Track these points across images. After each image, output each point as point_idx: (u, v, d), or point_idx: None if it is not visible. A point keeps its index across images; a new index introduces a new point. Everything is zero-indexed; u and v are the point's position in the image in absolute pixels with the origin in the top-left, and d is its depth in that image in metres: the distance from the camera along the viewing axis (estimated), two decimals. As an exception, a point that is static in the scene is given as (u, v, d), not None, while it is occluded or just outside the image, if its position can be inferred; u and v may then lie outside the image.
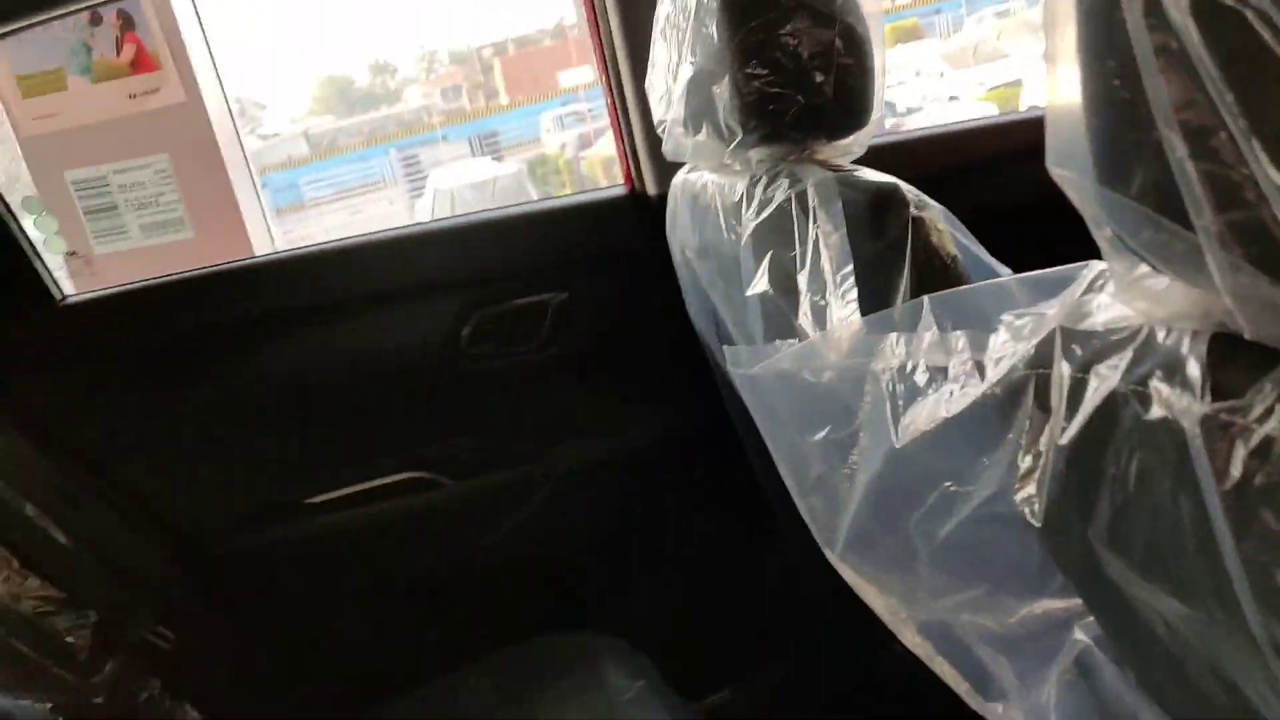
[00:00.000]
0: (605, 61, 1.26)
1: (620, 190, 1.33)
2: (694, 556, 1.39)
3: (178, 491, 1.25)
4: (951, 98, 5.91)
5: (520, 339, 1.29)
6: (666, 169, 1.18)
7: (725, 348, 0.71)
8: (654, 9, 0.95)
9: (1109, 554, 0.41)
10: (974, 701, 0.59)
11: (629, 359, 1.31)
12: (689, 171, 1.05)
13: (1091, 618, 0.57)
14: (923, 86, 6.01)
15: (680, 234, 1.07)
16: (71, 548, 1.15)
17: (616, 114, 1.29)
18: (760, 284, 0.79)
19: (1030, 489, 0.43)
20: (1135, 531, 0.39)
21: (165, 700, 1.17)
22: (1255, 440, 0.33)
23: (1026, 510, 0.43)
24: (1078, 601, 0.57)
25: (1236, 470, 0.33)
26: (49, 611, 1.11)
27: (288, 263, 1.28)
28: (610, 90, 1.28)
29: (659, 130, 0.97)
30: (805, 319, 0.69)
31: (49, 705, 0.99)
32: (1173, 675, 0.47)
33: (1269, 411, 0.32)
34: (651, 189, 1.28)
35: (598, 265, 1.30)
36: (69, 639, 1.11)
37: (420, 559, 1.33)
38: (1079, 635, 0.59)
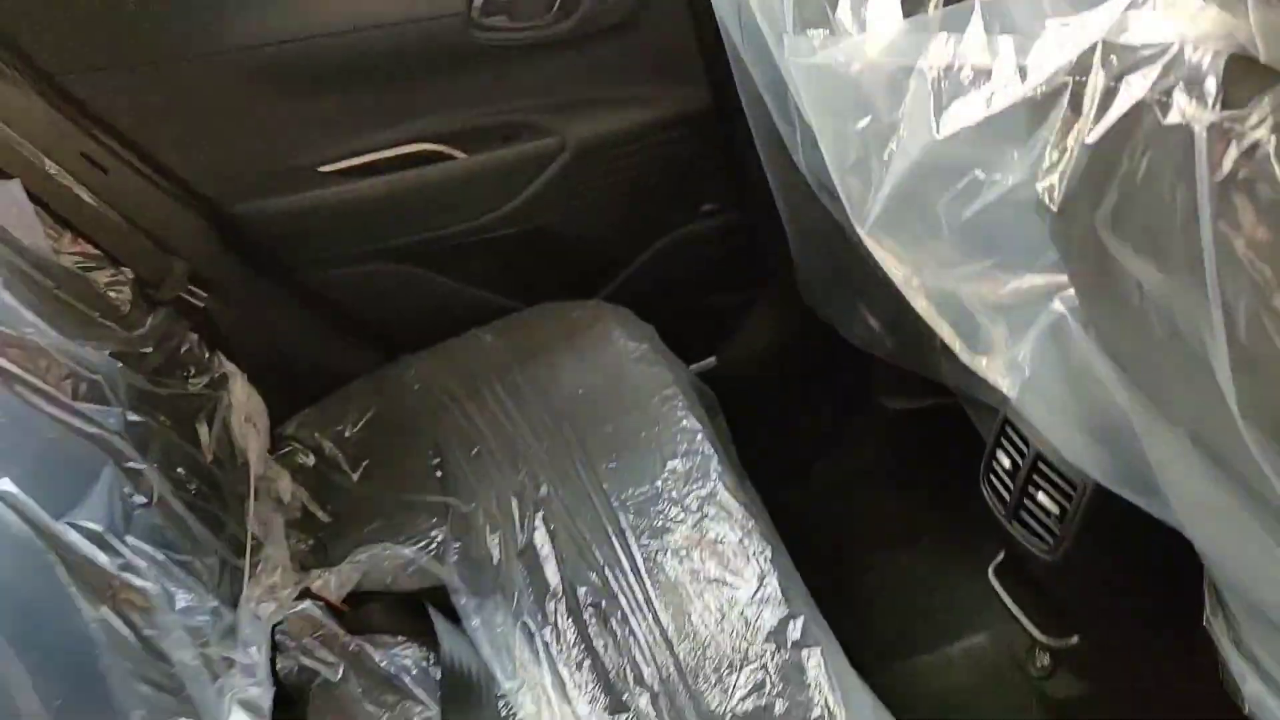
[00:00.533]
0: None
1: None
2: (699, 233, 1.50)
3: (199, 154, 1.30)
4: None
5: (534, 12, 1.31)
6: None
7: (787, 37, 0.77)
8: None
9: (1109, 234, 0.52)
10: (966, 355, 0.73)
11: (646, 35, 1.34)
12: None
13: (1070, 291, 0.69)
14: None
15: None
16: (101, 209, 1.22)
17: None
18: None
19: (1053, 179, 0.52)
20: (1135, 216, 0.49)
21: (203, 352, 1.30)
22: (1246, 143, 0.42)
23: (1046, 196, 0.53)
24: (1061, 278, 0.69)
25: (1227, 166, 0.43)
26: (89, 266, 1.20)
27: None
28: None
29: None
30: (845, 13, 0.75)
31: (107, 351, 1.10)
32: (1135, 339, 0.59)
33: (1262, 120, 0.42)
34: None
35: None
36: (111, 294, 1.20)
37: (435, 227, 1.41)
38: (1057, 305, 0.71)
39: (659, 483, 1.10)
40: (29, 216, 1.11)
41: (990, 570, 1.09)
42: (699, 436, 1.14)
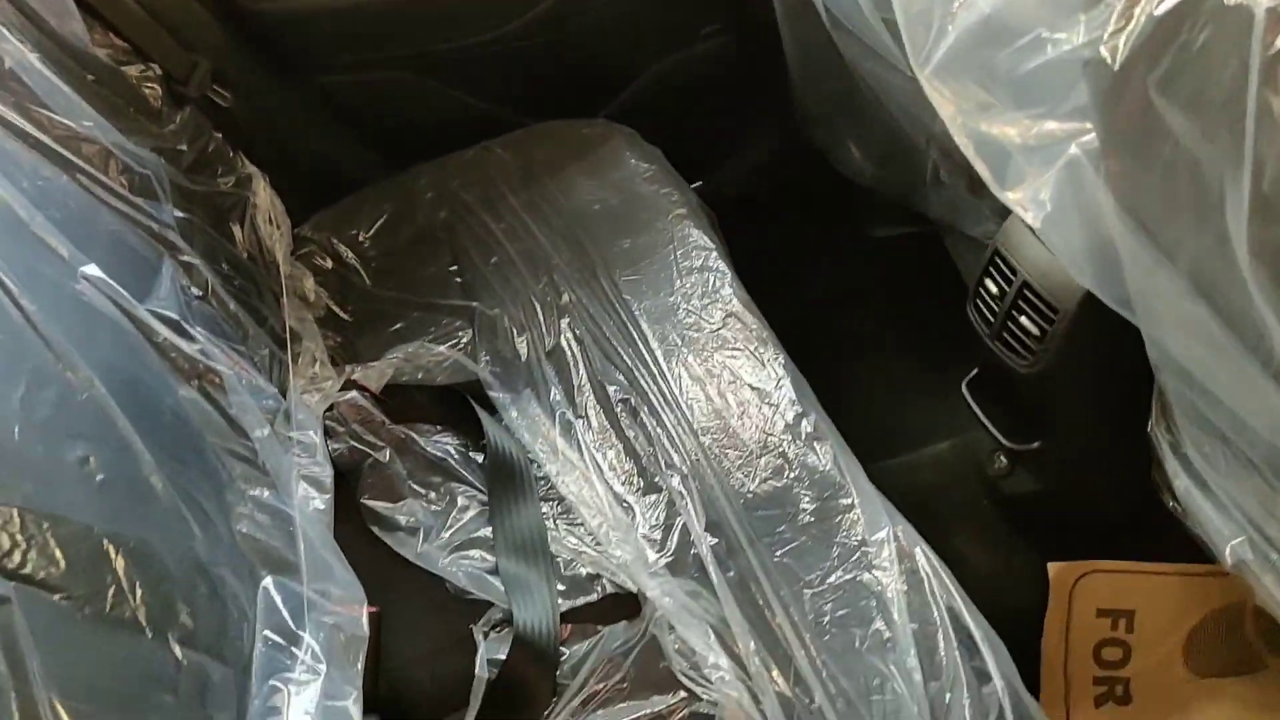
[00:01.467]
0: None
1: None
2: (699, 55, 1.55)
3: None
4: None
5: None
6: None
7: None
8: None
9: (1158, 95, 0.61)
10: (994, 187, 0.83)
11: None
12: None
13: (1086, 138, 0.79)
14: None
15: None
16: (125, 5, 1.22)
17: None
18: None
19: (1119, 40, 0.62)
20: (1186, 81, 0.59)
21: (227, 150, 1.33)
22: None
23: (1108, 54, 0.63)
24: (1078, 125, 0.79)
25: (1278, 44, 0.53)
26: (121, 61, 1.21)
27: None
28: None
29: None
30: None
31: (149, 147, 1.14)
32: (1156, 187, 0.70)
33: None
34: None
35: None
36: (143, 89, 1.22)
37: (445, 39, 1.44)
38: (1074, 150, 0.82)
39: (676, 295, 1.20)
40: (64, 3, 1.11)
41: (964, 384, 1.24)
42: (713, 255, 1.24)
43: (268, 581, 0.90)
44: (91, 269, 0.90)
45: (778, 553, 0.95)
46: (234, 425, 0.98)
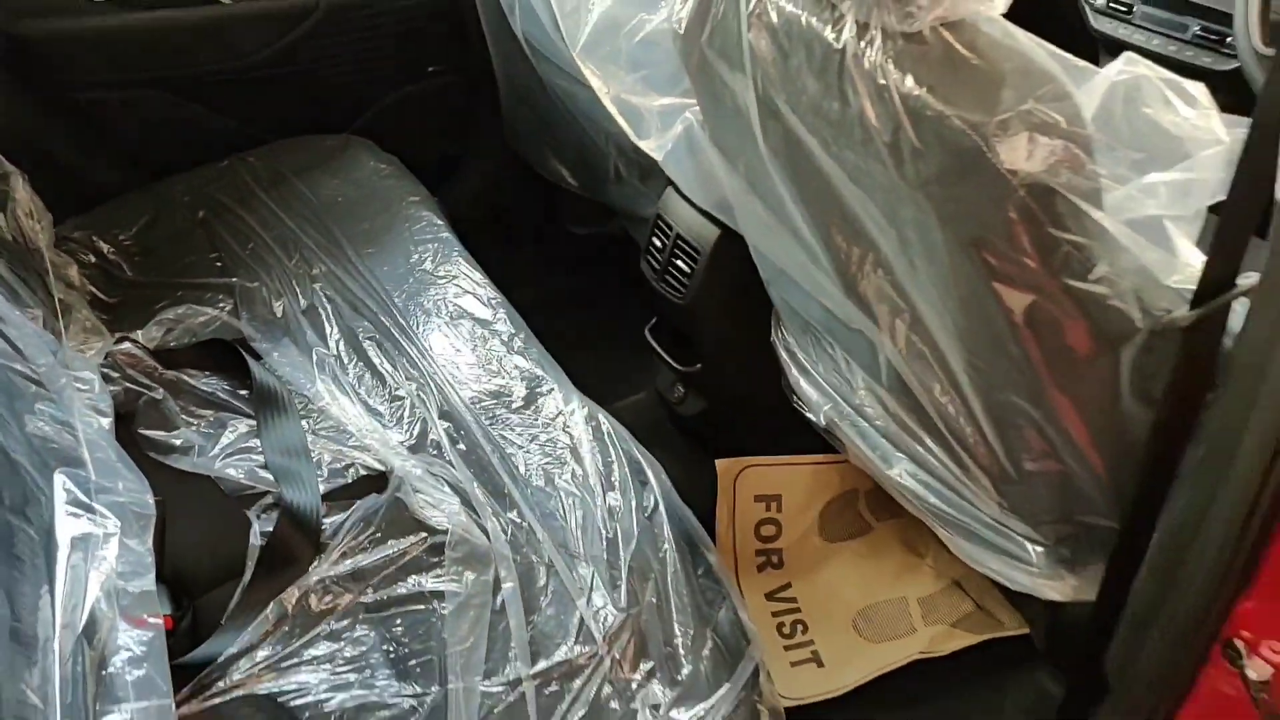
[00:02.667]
0: None
1: None
2: (426, 90, 1.85)
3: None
4: None
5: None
6: None
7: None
8: None
9: (709, 50, 0.97)
10: (633, 137, 1.18)
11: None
12: None
13: (696, 108, 1.16)
14: None
15: None
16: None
17: None
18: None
19: (682, 14, 0.97)
20: (719, 38, 0.95)
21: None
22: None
23: (677, 25, 0.98)
24: (691, 100, 1.16)
25: (754, 5, 0.89)
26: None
27: None
28: None
29: None
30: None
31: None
32: (725, 125, 1.06)
33: None
34: None
35: None
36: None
37: (199, 63, 1.67)
38: (688, 115, 1.18)
39: (411, 260, 1.48)
40: None
41: (646, 330, 1.58)
42: (441, 229, 1.53)
43: (60, 470, 1.08)
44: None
45: (496, 428, 1.23)
46: (20, 351, 1.15)
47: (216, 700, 1.01)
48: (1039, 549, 1.10)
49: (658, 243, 1.46)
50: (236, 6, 1.66)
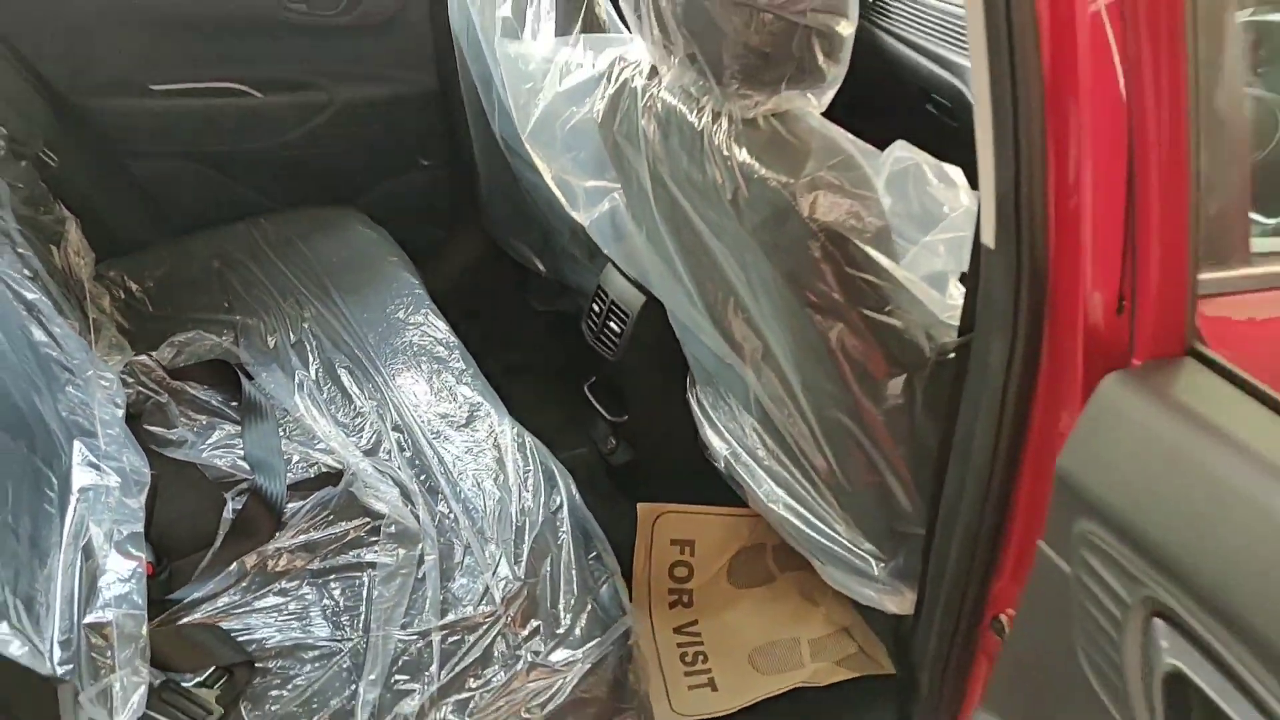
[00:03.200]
0: None
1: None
2: (417, 181, 2.17)
3: (62, 58, 1.81)
4: None
5: (325, 6, 1.94)
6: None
7: (496, 39, 1.49)
8: None
9: (619, 136, 1.26)
10: (572, 212, 1.47)
11: (399, 34, 2.00)
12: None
13: (619, 190, 1.44)
14: None
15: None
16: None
17: None
18: (505, 9, 1.55)
19: (600, 108, 1.27)
20: (624, 124, 1.24)
21: (49, 196, 1.79)
22: (626, 86, 1.18)
23: (598, 116, 1.27)
24: (616, 184, 1.44)
25: (648, 99, 1.18)
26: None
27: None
28: None
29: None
30: (527, 30, 1.48)
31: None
32: (635, 195, 1.34)
33: (626, 80, 1.18)
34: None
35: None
36: (-12, 144, 1.68)
37: (233, 142, 1.99)
38: (614, 195, 1.47)
39: (387, 310, 1.75)
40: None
41: (585, 387, 1.84)
42: (416, 289, 1.81)
43: (79, 439, 1.33)
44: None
45: (438, 440, 1.47)
46: (60, 345, 1.42)
47: (181, 622, 1.23)
48: (880, 564, 1.32)
49: (596, 308, 1.73)
50: (266, 99, 1.99)
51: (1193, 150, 0.70)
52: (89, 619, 1.12)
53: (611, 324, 1.69)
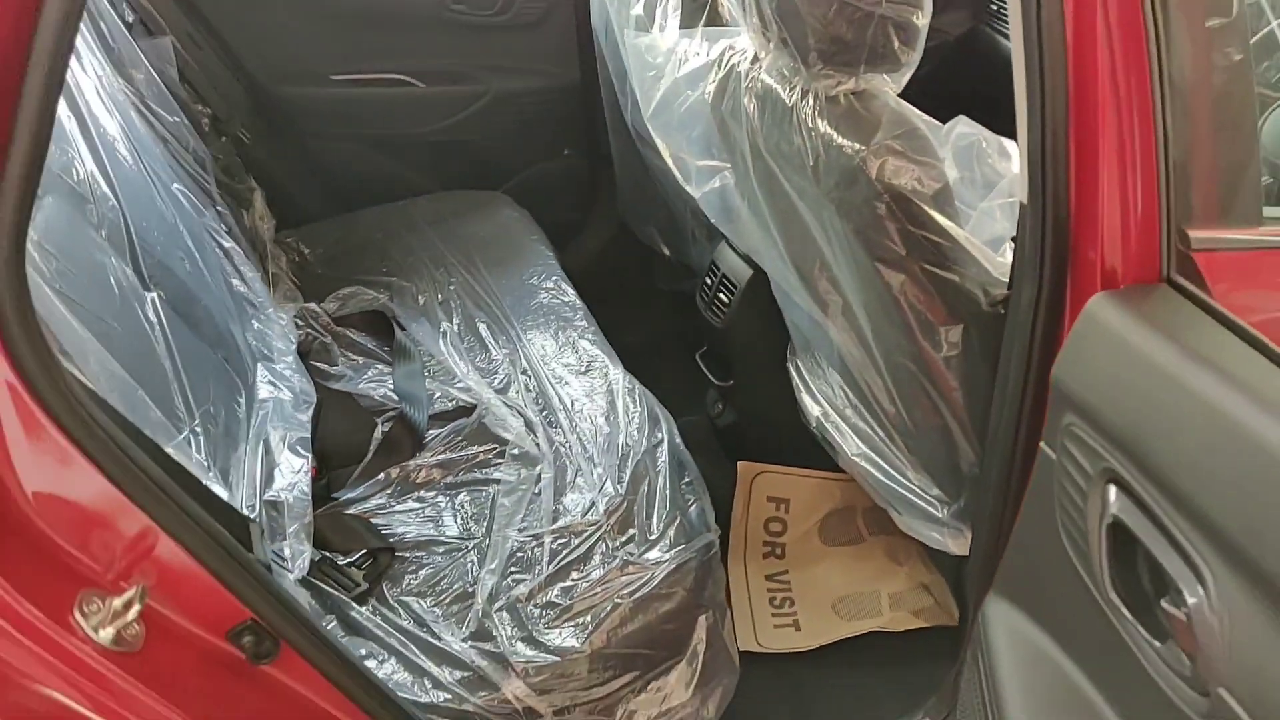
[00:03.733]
0: None
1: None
2: (559, 168, 2.44)
3: (259, 49, 2.15)
4: None
5: (483, 6, 2.22)
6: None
7: (628, 32, 1.73)
8: None
9: (724, 115, 1.47)
10: (689, 189, 1.68)
11: (547, 32, 2.27)
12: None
13: (728, 169, 1.65)
14: None
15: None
16: (194, 70, 2.05)
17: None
18: (638, 8, 1.79)
19: (709, 89, 1.48)
20: (728, 103, 1.45)
21: (242, 168, 2.12)
22: (739, 72, 1.39)
23: (707, 97, 1.49)
24: (725, 164, 1.65)
25: (747, 83, 1.39)
26: (192, 100, 2.02)
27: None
28: None
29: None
30: (656, 25, 1.71)
31: (204, 149, 1.92)
32: (736, 162, 1.55)
33: (735, 64, 1.39)
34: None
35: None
36: (202, 119, 2.02)
37: (398, 127, 2.30)
38: (726, 173, 1.68)
39: (523, 277, 2.01)
40: (169, 59, 1.92)
41: (697, 355, 2.05)
42: (550, 260, 2.06)
43: (262, 363, 1.63)
44: (178, 187, 1.67)
45: (560, 384, 1.71)
46: (248, 284, 1.73)
47: (338, 511, 1.50)
48: (946, 506, 1.49)
49: (709, 280, 1.94)
50: (428, 89, 2.29)
51: (1159, 121, 0.87)
52: (267, 496, 1.40)
53: (721, 295, 1.89)
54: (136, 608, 0.90)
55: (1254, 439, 0.69)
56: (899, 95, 1.30)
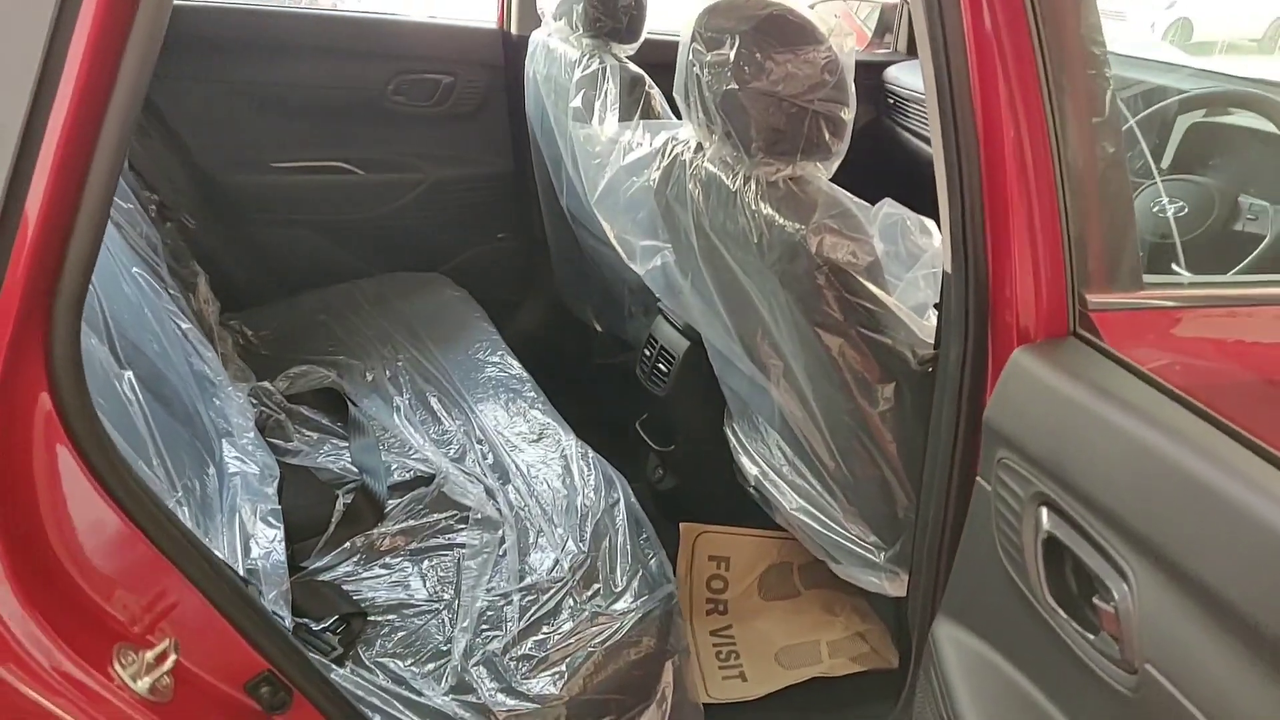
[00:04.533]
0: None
1: (493, 25, 2.42)
2: (495, 250, 2.57)
3: (206, 141, 2.25)
4: None
5: (421, 98, 2.37)
6: (527, 23, 2.30)
7: (570, 124, 1.88)
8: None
9: (669, 200, 1.64)
10: (632, 264, 1.83)
11: (482, 122, 2.43)
12: (545, 33, 2.18)
13: (669, 248, 1.81)
14: None
15: (534, 64, 2.20)
16: (145, 160, 2.13)
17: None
18: (576, 102, 1.95)
19: (654, 175, 1.65)
20: (675, 190, 1.62)
21: (187, 252, 2.20)
22: (679, 160, 1.56)
23: (651, 182, 1.65)
24: (667, 243, 1.81)
25: (691, 170, 1.56)
26: (142, 188, 2.10)
27: (288, 16, 2.28)
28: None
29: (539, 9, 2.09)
30: (595, 117, 1.88)
31: (154, 234, 2.00)
32: (679, 240, 1.70)
33: (675, 154, 1.56)
34: (514, 30, 2.39)
35: (477, 61, 2.39)
36: (148, 207, 2.10)
37: (340, 213, 2.41)
38: (666, 254, 1.84)
39: (469, 352, 2.12)
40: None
41: (636, 423, 2.18)
42: (493, 334, 2.18)
43: (225, 438, 1.70)
44: (137, 270, 1.75)
45: (514, 451, 1.82)
46: (206, 363, 1.80)
47: (309, 579, 1.57)
48: (883, 552, 1.63)
49: (647, 352, 2.09)
50: (368, 176, 2.41)
51: (1060, 201, 1.05)
52: (246, 565, 1.46)
53: (660, 365, 2.04)
54: (172, 659, 0.97)
55: (1155, 453, 0.85)
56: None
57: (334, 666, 1.46)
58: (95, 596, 0.97)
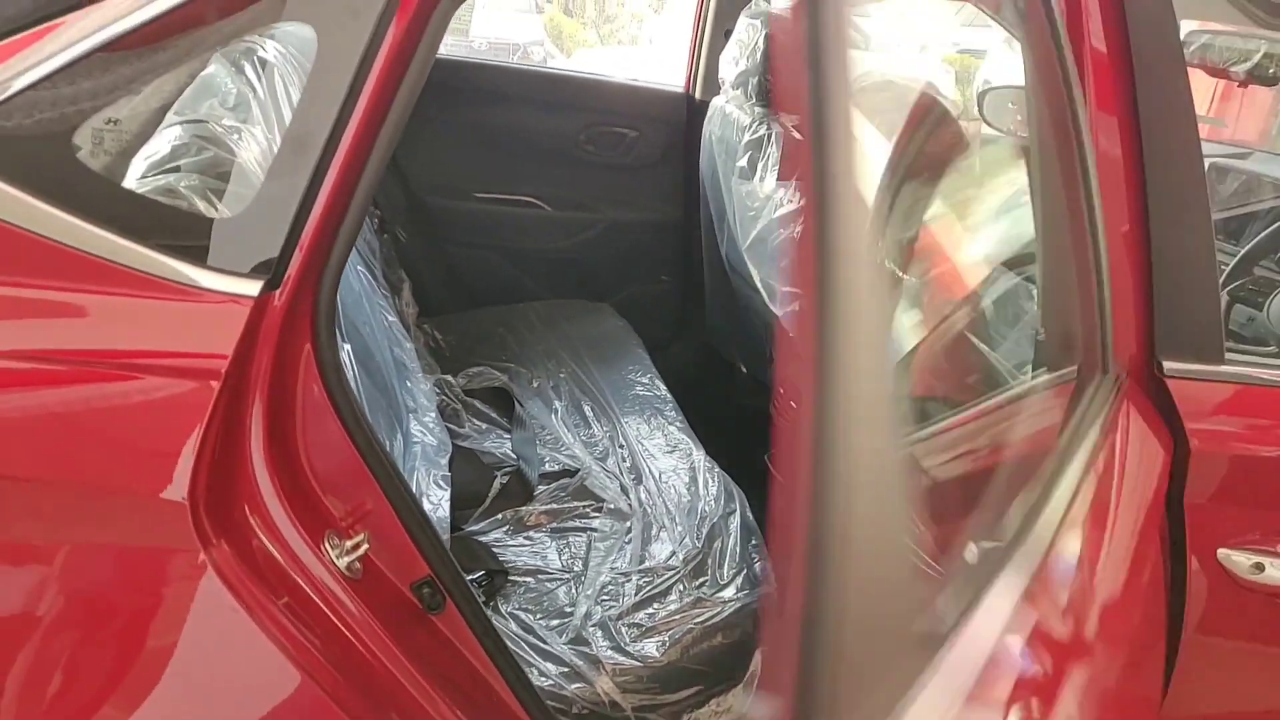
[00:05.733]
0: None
1: (679, 89, 2.76)
2: (655, 290, 2.89)
3: (422, 169, 2.65)
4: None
5: (609, 148, 2.72)
6: (709, 89, 2.62)
7: (733, 180, 2.18)
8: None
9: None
10: (769, 303, 2.10)
11: (660, 173, 2.75)
12: (724, 99, 2.49)
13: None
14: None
15: (711, 125, 2.51)
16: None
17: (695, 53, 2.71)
18: (742, 161, 2.24)
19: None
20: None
21: (396, 261, 2.59)
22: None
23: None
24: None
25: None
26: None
27: (506, 70, 2.67)
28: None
29: (720, 77, 2.41)
30: (756, 174, 2.17)
31: (376, 246, 2.40)
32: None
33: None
34: (698, 95, 2.72)
35: (662, 119, 2.73)
36: (373, 221, 2.51)
37: (526, 242, 2.77)
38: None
39: (623, 371, 2.43)
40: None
41: (765, 456, 2.43)
42: (645, 360, 2.48)
43: (411, 415, 2.04)
44: (360, 268, 2.13)
45: (650, 458, 2.10)
46: (405, 353, 2.16)
47: (465, 536, 1.89)
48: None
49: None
50: (555, 212, 2.77)
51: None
52: (418, 514, 1.79)
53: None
54: (364, 549, 1.29)
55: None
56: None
57: (477, 607, 1.76)
58: (320, 494, 1.30)
